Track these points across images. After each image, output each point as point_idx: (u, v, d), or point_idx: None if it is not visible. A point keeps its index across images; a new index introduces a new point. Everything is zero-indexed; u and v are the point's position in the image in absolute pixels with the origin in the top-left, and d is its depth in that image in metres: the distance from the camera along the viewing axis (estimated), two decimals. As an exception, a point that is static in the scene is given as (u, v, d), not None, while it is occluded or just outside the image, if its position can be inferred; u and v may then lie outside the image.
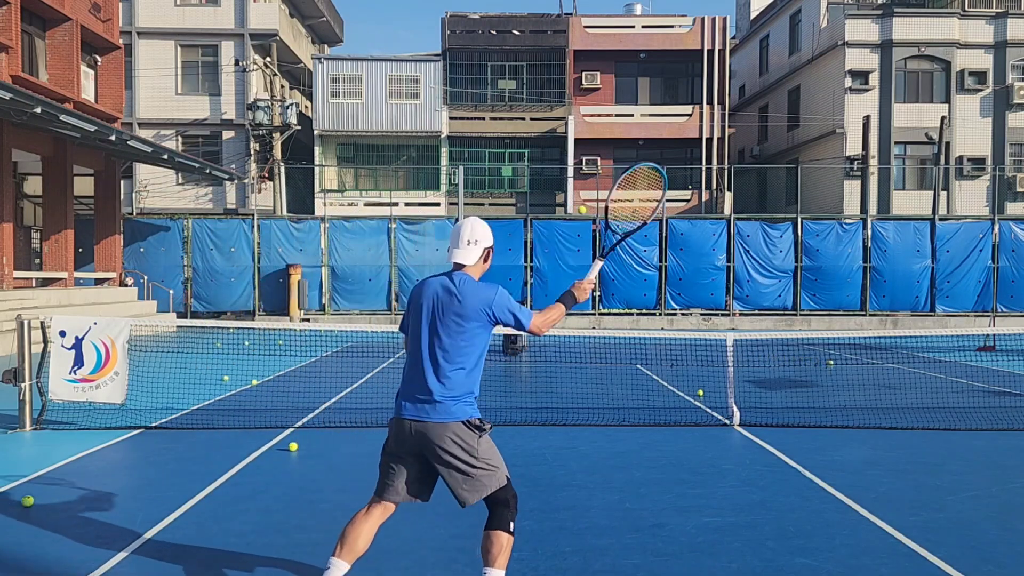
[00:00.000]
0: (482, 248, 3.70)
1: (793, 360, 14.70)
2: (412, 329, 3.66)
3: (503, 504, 3.55)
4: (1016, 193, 29.02)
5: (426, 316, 3.59)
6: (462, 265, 3.66)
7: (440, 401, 3.49)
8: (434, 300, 3.59)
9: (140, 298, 22.44)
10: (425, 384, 3.52)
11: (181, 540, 4.61)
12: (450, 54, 29.72)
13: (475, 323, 3.55)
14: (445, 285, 3.61)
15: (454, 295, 3.56)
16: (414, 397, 3.54)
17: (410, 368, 3.61)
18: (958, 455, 6.91)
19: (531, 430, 7.97)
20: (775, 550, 4.47)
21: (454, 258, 3.67)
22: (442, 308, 3.56)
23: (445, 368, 3.52)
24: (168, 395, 9.59)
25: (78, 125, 16.46)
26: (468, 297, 3.54)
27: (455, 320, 3.53)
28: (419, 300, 3.65)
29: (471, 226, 3.71)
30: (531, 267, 24.30)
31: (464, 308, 3.53)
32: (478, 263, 3.69)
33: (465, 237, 3.67)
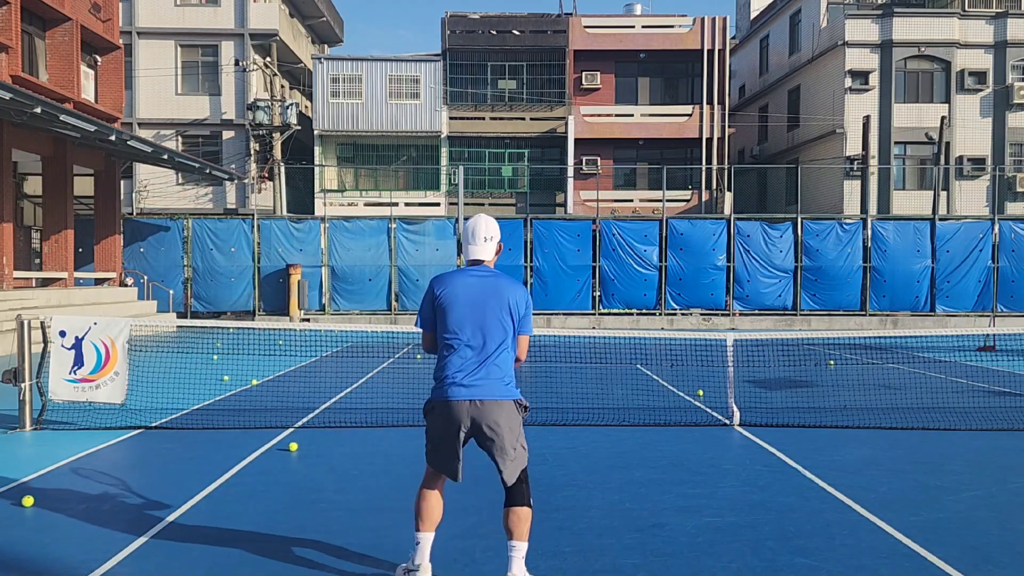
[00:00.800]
0: (496, 243, 4.04)
1: (793, 360, 14.70)
2: (457, 322, 3.84)
3: (526, 482, 3.87)
4: (1016, 193, 29.02)
5: (471, 307, 3.84)
6: (481, 260, 3.98)
7: (500, 381, 3.81)
8: (476, 292, 3.86)
9: (140, 298, 22.44)
10: (483, 368, 3.80)
11: (181, 540, 4.61)
12: (450, 54, 29.73)
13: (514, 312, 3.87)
14: (484, 278, 3.89)
15: (500, 286, 3.87)
16: (474, 381, 3.79)
17: (461, 356, 3.82)
18: (958, 455, 6.91)
19: (531, 430, 7.92)
20: (775, 550, 4.47)
21: (474, 255, 3.98)
22: (487, 298, 3.84)
23: (501, 352, 3.83)
24: (168, 395, 9.59)
25: (78, 125, 16.45)
26: (510, 289, 3.88)
27: (502, 308, 3.84)
28: (455, 293, 3.87)
29: (485, 223, 4.02)
30: (531, 267, 24.30)
31: (508, 298, 3.85)
32: (493, 257, 4.03)
33: (482, 234, 3.99)
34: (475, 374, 3.79)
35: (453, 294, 3.87)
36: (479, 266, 3.97)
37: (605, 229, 24.35)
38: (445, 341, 3.87)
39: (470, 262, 3.99)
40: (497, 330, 3.83)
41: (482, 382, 3.79)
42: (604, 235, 24.30)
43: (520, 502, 3.82)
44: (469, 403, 3.76)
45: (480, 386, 3.78)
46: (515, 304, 3.87)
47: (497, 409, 3.78)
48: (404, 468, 6.42)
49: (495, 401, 3.78)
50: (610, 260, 24.33)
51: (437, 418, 3.84)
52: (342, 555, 4.39)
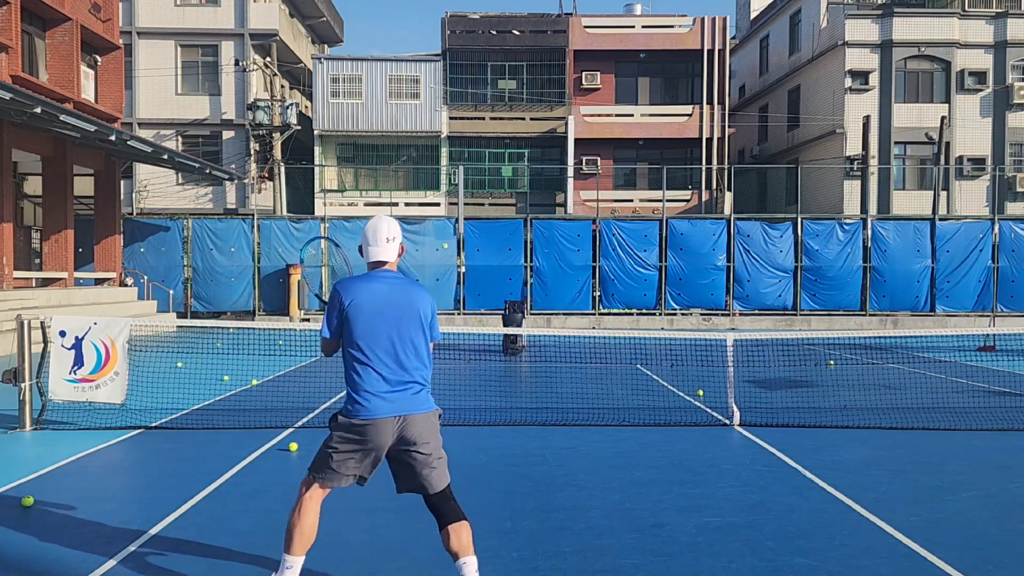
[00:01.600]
0: (398, 244, 3.89)
1: (793, 360, 14.71)
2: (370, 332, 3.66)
3: (451, 496, 3.75)
4: (1016, 193, 29.02)
5: (385, 317, 3.68)
6: (384, 262, 3.84)
7: (422, 394, 3.71)
8: (389, 301, 3.71)
9: (140, 298, 22.45)
10: (403, 380, 3.67)
11: (181, 540, 4.62)
12: (450, 54, 29.73)
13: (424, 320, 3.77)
14: (394, 285, 3.76)
15: (411, 293, 3.77)
16: (396, 395, 3.64)
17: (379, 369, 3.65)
18: (958, 455, 6.91)
19: (531, 430, 7.97)
20: (775, 550, 4.47)
21: (377, 256, 3.83)
22: (401, 306, 3.71)
23: (420, 362, 3.73)
24: (168, 395, 9.58)
25: (78, 125, 16.46)
26: (420, 297, 3.79)
27: (417, 317, 3.74)
28: (367, 302, 3.69)
29: (387, 224, 3.87)
30: (531, 267, 24.30)
31: (419, 306, 3.75)
32: (397, 259, 3.91)
33: (384, 235, 3.84)
34: (398, 388, 3.64)
35: (365, 303, 3.69)
36: (384, 270, 3.82)
37: (605, 229, 24.35)
38: (360, 353, 3.67)
39: (372, 264, 3.84)
40: (414, 340, 3.71)
41: (406, 396, 3.65)
42: (604, 235, 24.30)
43: (455, 518, 3.68)
44: (395, 419, 3.61)
45: (405, 400, 3.64)
46: (424, 312, 3.77)
47: (421, 422, 3.65)
48: (404, 468, 6.41)
49: (421, 415, 3.67)
50: (610, 260, 24.33)
51: (353, 436, 3.63)
52: (341, 555, 4.40)
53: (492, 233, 24.33)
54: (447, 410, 8.90)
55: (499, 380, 12.08)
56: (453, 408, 9.12)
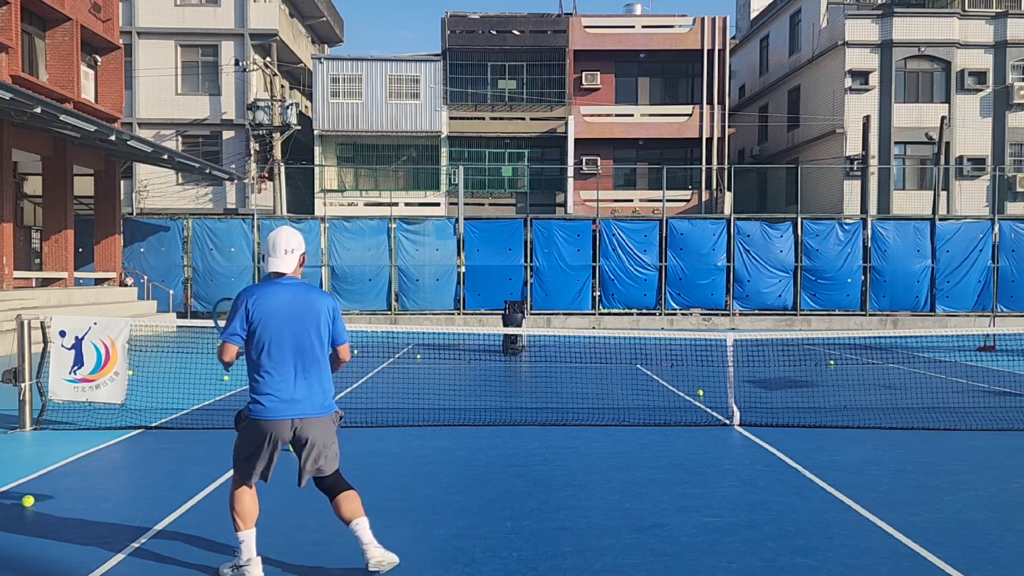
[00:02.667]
0: (299, 255, 4.04)
1: (793, 360, 14.71)
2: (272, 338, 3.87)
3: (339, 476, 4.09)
4: (1016, 193, 29.02)
5: (294, 326, 3.89)
6: (282, 273, 3.99)
7: (322, 398, 3.95)
8: (290, 306, 3.90)
9: (140, 298, 22.45)
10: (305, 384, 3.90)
11: (181, 540, 4.62)
12: (450, 54, 29.73)
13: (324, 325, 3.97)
14: (296, 291, 3.94)
15: (313, 300, 3.95)
16: (297, 398, 3.88)
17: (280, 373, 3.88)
18: (958, 455, 6.91)
19: (531, 430, 7.97)
20: (775, 550, 4.47)
21: (275, 267, 3.97)
22: (303, 313, 3.91)
23: (320, 367, 3.96)
24: (168, 395, 9.58)
25: (78, 125, 16.46)
26: (324, 300, 4.00)
27: (318, 323, 3.93)
28: (272, 311, 3.88)
29: (287, 236, 4.02)
30: (531, 267, 24.30)
31: (325, 311, 3.97)
32: (296, 269, 4.05)
33: (282, 247, 3.98)
34: (296, 391, 3.87)
35: (267, 308, 3.88)
36: (287, 278, 3.99)
37: (605, 229, 24.35)
38: (261, 357, 3.88)
39: (272, 275, 3.99)
40: (314, 344, 3.91)
41: (303, 399, 3.88)
42: (604, 235, 24.30)
43: (343, 488, 4.03)
44: (291, 421, 3.86)
45: (301, 403, 3.88)
46: (327, 315, 3.97)
47: (318, 425, 3.92)
48: (404, 468, 6.42)
49: (316, 418, 3.92)
50: (610, 260, 24.33)
51: (256, 435, 3.89)
52: (341, 555, 4.39)
53: (492, 233, 24.33)
54: (447, 410, 8.94)
55: (499, 380, 12.08)
56: (453, 408, 9.12)
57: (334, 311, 4.03)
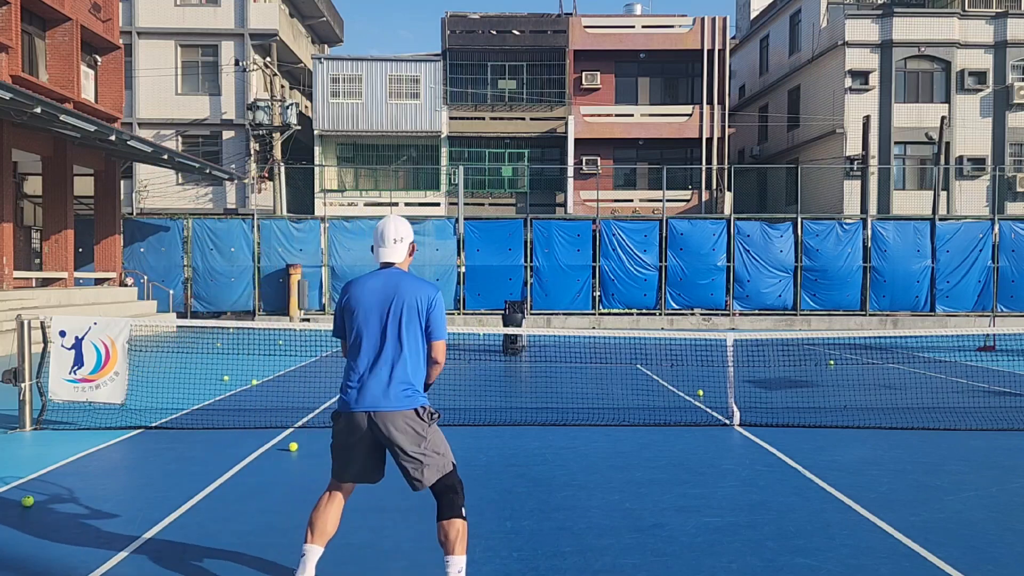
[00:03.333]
0: (407, 244, 3.91)
1: (793, 360, 14.70)
2: (358, 327, 3.75)
3: (452, 491, 3.70)
4: (1016, 193, 29.02)
5: (376, 313, 3.73)
6: (391, 263, 3.86)
7: (398, 391, 3.66)
8: (384, 297, 3.74)
9: (140, 298, 22.45)
10: (383, 376, 3.67)
11: (181, 540, 4.62)
12: (450, 54, 29.73)
13: (422, 316, 3.74)
14: (391, 282, 3.78)
15: (407, 289, 3.74)
16: (372, 390, 3.66)
17: (360, 363, 3.72)
18: (958, 455, 6.91)
19: (531, 430, 7.97)
20: (775, 550, 4.47)
21: (384, 257, 3.86)
22: (396, 303, 3.72)
23: (403, 360, 3.69)
24: (168, 395, 9.58)
25: (78, 125, 16.46)
26: (422, 291, 3.75)
27: (409, 313, 3.71)
28: (360, 299, 3.77)
29: (395, 225, 3.89)
30: (531, 267, 24.30)
31: (420, 301, 3.72)
32: (405, 258, 3.92)
33: (391, 236, 3.86)
34: (372, 382, 3.66)
35: (357, 298, 3.76)
36: (393, 268, 3.85)
37: (605, 229, 24.35)
38: (350, 347, 3.78)
39: (381, 265, 3.87)
40: (396, 334, 3.69)
41: (379, 391, 3.64)
42: (604, 235, 24.30)
43: (449, 514, 3.65)
44: (367, 414, 3.64)
45: (375, 395, 3.64)
46: (418, 305, 3.72)
47: (393, 419, 3.62)
48: (404, 468, 6.41)
49: (391, 412, 3.63)
50: (610, 260, 24.33)
51: (339, 427, 3.73)
52: (342, 555, 4.39)
53: (492, 233, 24.33)
54: (447, 410, 8.93)
55: (499, 380, 12.08)
56: (453, 408, 9.12)
57: (429, 301, 3.73)
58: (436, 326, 3.77)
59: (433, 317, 3.76)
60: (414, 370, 3.72)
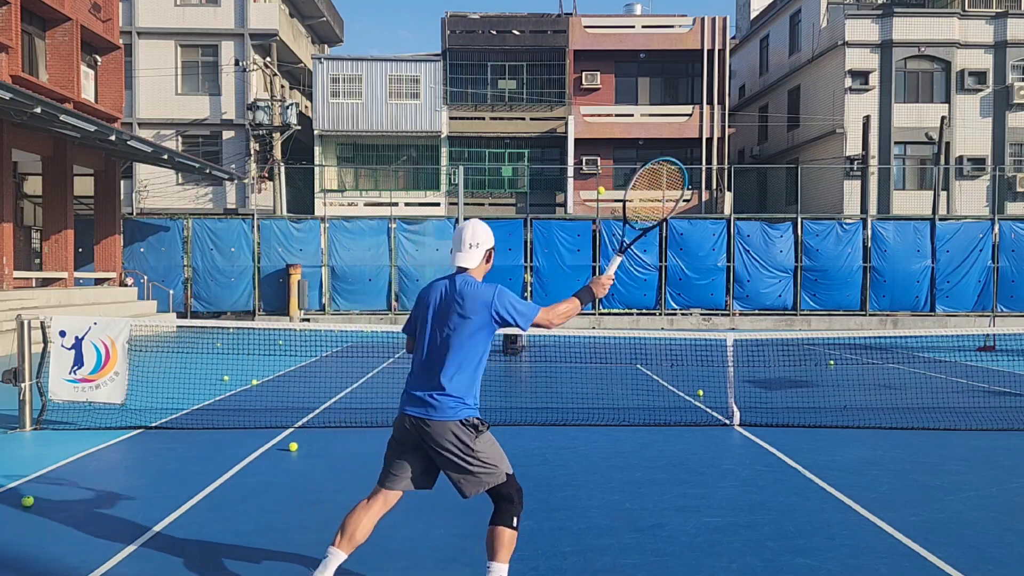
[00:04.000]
0: (484, 250, 3.77)
1: (793, 360, 14.70)
2: (418, 331, 3.76)
3: (506, 499, 3.65)
4: (1016, 193, 29.01)
5: (431, 318, 3.70)
6: (465, 268, 3.74)
7: (440, 400, 3.57)
8: (438, 302, 3.70)
9: (140, 298, 22.45)
10: (428, 383, 3.62)
11: (181, 540, 4.61)
12: (450, 54, 29.72)
13: (476, 323, 3.61)
14: (448, 287, 3.72)
15: (456, 296, 3.65)
16: (416, 396, 3.63)
17: (414, 367, 3.73)
18: (958, 455, 6.91)
19: (531, 430, 7.97)
20: (775, 550, 4.47)
21: (457, 262, 3.74)
22: (446, 309, 3.66)
23: (448, 368, 3.59)
24: (168, 395, 9.58)
25: (78, 125, 16.46)
26: (469, 298, 3.63)
27: (458, 321, 3.62)
28: (425, 302, 3.76)
29: (472, 229, 3.78)
30: (531, 267, 24.30)
31: (465, 309, 3.61)
32: (480, 265, 3.78)
33: (467, 240, 3.75)
34: (422, 390, 3.62)
35: (423, 304, 3.75)
36: (460, 274, 3.74)
37: (605, 229, 24.35)
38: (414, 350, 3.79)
39: (457, 269, 3.77)
40: (447, 343, 3.61)
41: (427, 399, 3.59)
42: (604, 235, 24.30)
43: (497, 521, 3.62)
44: (409, 418, 3.62)
45: (425, 403, 3.59)
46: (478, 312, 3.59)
47: (439, 429, 3.55)
48: (404, 468, 6.41)
49: (437, 421, 3.55)
50: (610, 260, 24.29)
51: (395, 427, 3.73)
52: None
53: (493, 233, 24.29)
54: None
55: (499, 380, 12.07)
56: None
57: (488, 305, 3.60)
58: (514, 317, 3.66)
59: (507, 313, 3.64)
60: (462, 380, 3.61)
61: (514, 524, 3.62)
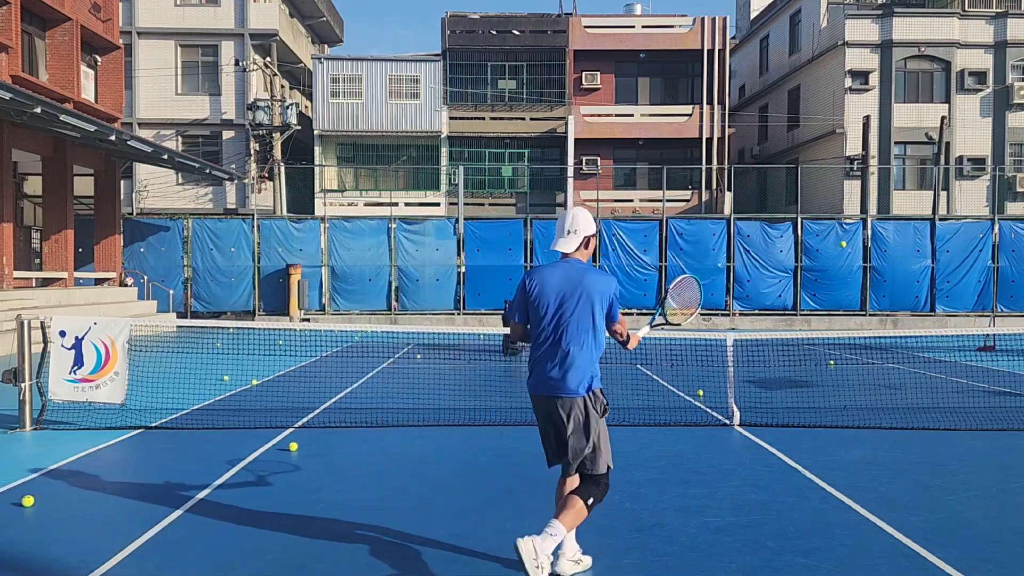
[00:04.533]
0: (582, 237, 4.06)
1: (793, 360, 14.70)
2: (537, 315, 4.00)
3: (593, 482, 3.97)
4: (1016, 193, 29.01)
5: (554, 302, 3.96)
6: (565, 254, 4.05)
7: (569, 379, 3.90)
8: (560, 286, 3.96)
9: (140, 298, 22.45)
10: (555, 363, 3.92)
11: (181, 540, 4.61)
12: (450, 54, 29.72)
13: (597, 305, 3.95)
14: (571, 273, 3.98)
15: (582, 280, 3.94)
16: (544, 376, 3.95)
17: (538, 349, 4.00)
18: (958, 455, 6.91)
19: (531, 430, 7.89)
20: (775, 550, 4.47)
21: (557, 247, 4.06)
22: (571, 294, 3.93)
23: (578, 348, 3.91)
24: (168, 395, 9.58)
25: (78, 125, 16.46)
26: (593, 281, 3.95)
27: (585, 304, 3.91)
28: (542, 287, 3.99)
29: (572, 216, 4.08)
30: (531, 267, 24.30)
31: (590, 290, 3.92)
32: (579, 250, 4.06)
33: (566, 227, 4.06)
34: (550, 370, 3.92)
35: (540, 288, 3.99)
36: (568, 259, 4.04)
37: (605, 229, 24.35)
38: (533, 334, 4.02)
39: (561, 256, 4.08)
40: (577, 326, 3.91)
41: (557, 378, 3.91)
42: (604, 235, 24.30)
43: (577, 492, 3.91)
44: (545, 398, 3.94)
45: (555, 381, 3.91)
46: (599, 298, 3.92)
47: (566, 405, 3.90)
48: (404, 468, 6.41)
49: (565, 398, 3.90)
50: (610, 260, 24.33)
51: (534, 408, 4.08)
52: (342, 555, 4.39)
53: (492, 233, 24.34)
54: (447, 410, 8.93)
55: (499, 380, 12.07)
56: (453, 408, 9.13)
57: (611, 292, 3.98)
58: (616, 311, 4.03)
59: (615, 303, 4.01)
60: (587, 358, 3.93)
61: (588, 503, 3.90)
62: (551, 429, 4.00)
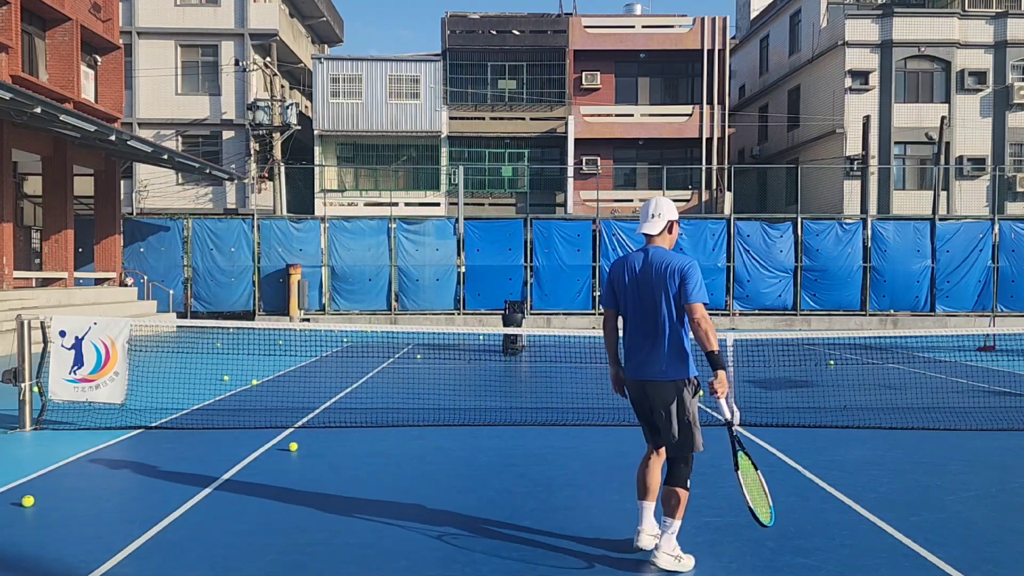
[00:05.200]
0: (665, 220, 4.22)
1: (793, 360, 14.70)
2: (624, 303, 4.20)
3: (683, 463, 4.15)
4: (1016, 193, 29.02)
5: (636, 289, 4.13)
6: (650, 236, 4.22)
7: (657, 363, 4.09)
8: (640, 271, 4.14)
9: (140, 298, 22.45)
10: (644, 348, 4.11)
11: (181, 540, 4.61)
12: (450, 54, 29.73)
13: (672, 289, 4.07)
14: (649, 260, 4.15)
15: (659, 264, 4.09)
16: (636, 360, 4.15)
17: (628, 336, 4.20)
18: (958, 455, 6.91)
19: (531, 430, 7.97)
20: (775, 550, 4.47)
21: (642, 229, 4.24)
22: (647, 277, 4.11)
23: (661, 332, 4.08)
24: (168, 395, 9.58)
25: (78, 125, 16.46)
26: (668, 264, 4.08)
27: (660, 285, 4.06)
28: (626, 274, 4.19)
29: (656, 201, 4.27)
30: (531, 267, 24.30)
31: (665, 273, 4.05)
32: (663, 234, 4.23)
33: (651, 211, 4.23)
34: (639, 355, 4.13)
35: (621, 275, 4.21)
36: (650, 246, 4.20)
37: (605, 229, 24.35)
38: (623, 320, 4.23)
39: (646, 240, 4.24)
40: (658, 309, 4.07)
41: (645, 363, 4.11)
42: (604, 235, 24.31)
43: (670, 482, 4.11)
44: (641, 383, 4.15)
45: (643, 367, 4.12)
46: (672, 276, 4.03)
47: (658, 389, 4.09)
48: (404, 468, 6.41)
49: (655, 382, 4.09)
50: (610, 260, 24.31)
51: (629, 393, 4.30)
52: (342, 555, 4.39)
53: (492, 233, 24.33)
54: (447, 410, 8.94)
55: (499, 380, 12.08)
56: (453, 408, 9.13)
57: (682, 271, 4.04)
58: (689, 291, 4.03)
59: (689, 285, 4.03)
60: (672, 342, 4.07)
61: (688, 486, 4.13)
62: (645, 412, 4.20)
